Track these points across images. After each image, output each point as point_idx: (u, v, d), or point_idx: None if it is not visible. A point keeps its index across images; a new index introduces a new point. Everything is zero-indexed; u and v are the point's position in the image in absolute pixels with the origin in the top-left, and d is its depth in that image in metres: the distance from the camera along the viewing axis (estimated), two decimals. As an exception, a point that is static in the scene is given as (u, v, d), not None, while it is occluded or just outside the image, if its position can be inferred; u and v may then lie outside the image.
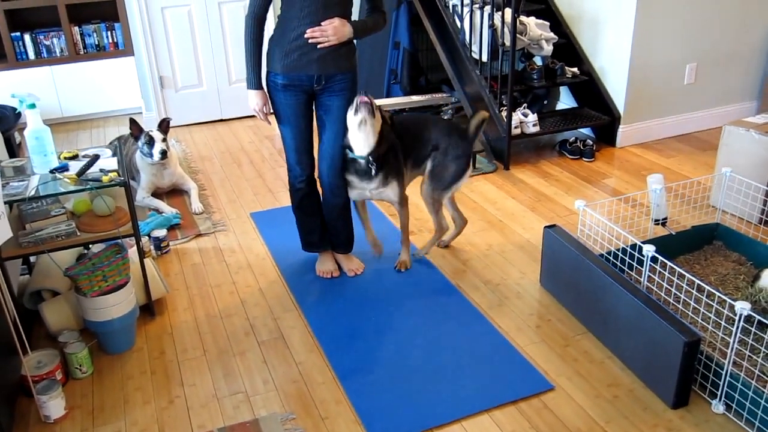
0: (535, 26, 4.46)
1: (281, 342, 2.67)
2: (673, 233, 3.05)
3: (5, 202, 2.35)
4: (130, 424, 2.26)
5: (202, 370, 2.52)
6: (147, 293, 2.80)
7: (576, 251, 2.64)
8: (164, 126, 3.81)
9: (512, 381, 2.39)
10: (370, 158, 2.78)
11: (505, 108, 4.21)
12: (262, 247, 3.40)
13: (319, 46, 2.66)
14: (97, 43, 5.35)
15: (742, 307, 2.06)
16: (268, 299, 2.96)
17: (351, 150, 2.81)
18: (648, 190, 3.36)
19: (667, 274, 2.72)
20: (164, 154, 3.74)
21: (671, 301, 2.68)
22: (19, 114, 4.13)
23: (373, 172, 2.82)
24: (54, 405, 2.25)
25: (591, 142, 4.38)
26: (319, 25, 2.63)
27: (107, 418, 2.30)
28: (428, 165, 3.03)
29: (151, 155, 3.75)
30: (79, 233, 2.60)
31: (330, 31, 2.63)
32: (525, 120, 4.33)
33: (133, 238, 2.68)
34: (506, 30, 4.12)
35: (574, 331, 2.66)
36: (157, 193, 3.96)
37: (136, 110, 5.61)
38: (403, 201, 3.01)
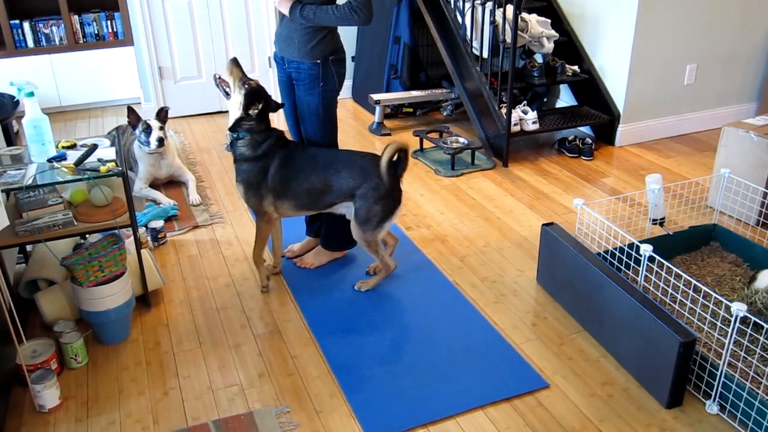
0: (536, 23, 4.45)
1: (277, 335, 2.67)
2: (671, 233, 3.05)
3: (2, 191, 2.34)
4: (125, 415, 2.26)
5: (197, 362, 2.52)
6: (143, 284, 2.79)
7: (573, 250, 2.64)
8: (162, 115, 3.80)
9: (507, 378, 2.39)
10: (228, 135, 2.80)
11: (505, 105, 4.21)
12: (259, 240, 3.40)
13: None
14: (96, 32, 5.33)
15: (738, 308, 2.06)
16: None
17: None
18: (646, 190, 3.36)
19: (663, 274, 2.72)
20: (161, 141, 3.73)
21: (667, 301, 2.68)
22: (18, 102, 4.11)
23: (229, 151, 2.85)
24: (48, 394, 2.25)
25: (590, 141, 4.38)
26: None
27: (102, 408, 2.29)
28: (351, 209, 2.80)
29: (148, 143, 3.74)
30: (76, 223, 2.59)
31: (278, 3, 2.69)
32: (524, 117, 4.32)
33: (130, 228, 2.67)
34: (507, 27, 4.11)
35: (570, 330, 2.66)
36: (154, 184, 3.95)
37: (135, 100, 5.60)
38: (255, 212, 2.85)
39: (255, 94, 2.71)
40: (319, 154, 2.82)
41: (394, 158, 2.70)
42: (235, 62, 2.74)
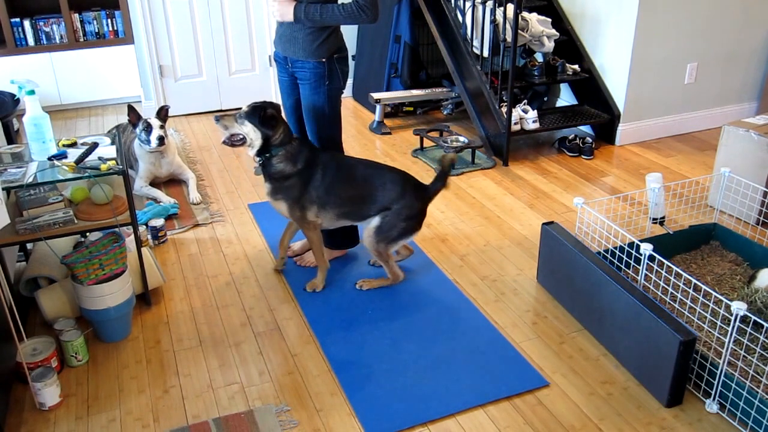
0: (536, 22, 4.45)
1: (277, 333, 2.67)
2: (671, 232, 3.05)
3: (3, 189, 2.34)
4: (125, 413, 2.26)
5: (197, 360, 2.52)
6: (143, 282, 2.79)
7: (573, 248, 2.64)
8: (163, 113, 3.80)
9: (507, 377, 2.40)
10: (257, 159, 2.78)
11: (505, 104, 4.21)
12: (259, 239, 3.40)
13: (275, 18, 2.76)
14: (97, 30, 5.33)
15: (738, 307, 2.06)
16: (264, 290, 2.96)
17: None
18: (646, 189, 3.36)
19: (663, 273, 2.72)
20: (162, 140, 3.73)
21: (667, 300, 2.68)
22: (18, 100, 4.11)
23: (261, 174, 2.81)
24: (49, 392, 2.25)
25: (590, 140, 4.38)
26: None
27: (102, 406, 2.30)
28: (375, 220, 2.81)
29: (148, 142, 3.74)
30: (76, 221, 2.59)
31: (275, 6, 2.69)
32: (525, 116, 4.32)
33: (130, 227, 2.67)
34: (508, 26, 4.11)
35: (570, 328, 2.67)
36: (155, 183, 3.95)
37: (136, 99, 5.60)
38: (300, 224, 2.85)
39: (256, 110, 2.69)
40: (361, 164, 2.85)
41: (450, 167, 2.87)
42: (218, 118, 2.76)
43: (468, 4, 4.43)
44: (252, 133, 2.71)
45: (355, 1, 2.61)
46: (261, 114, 2.67)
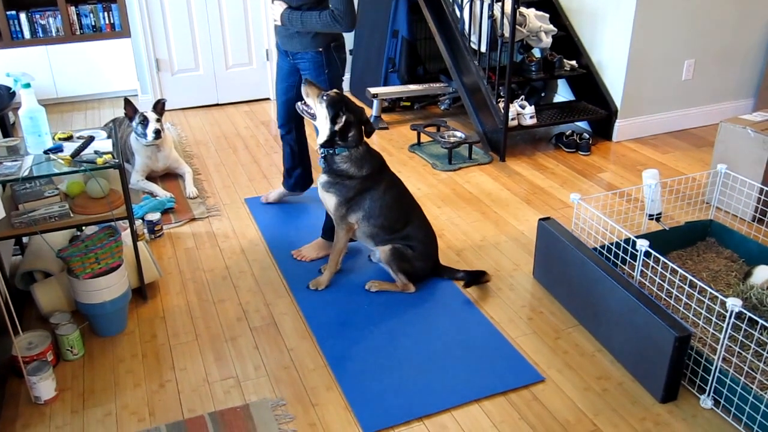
0: (534, 18, 4.45)
1: (273, 328, 2.67)
2: (667, 229, 3.06)
3: (-2, 182, 2.34)
4: (121, 407, 2.26)
5: (193, 355, 2.52)
6: (140, 277, 2.79)
7: (570, 244, 2.64)
8: (159, 107, 3.79)
9: (503, 372, 2.40)
10: (320, 150, 2.77)
11: (503, 99, 4.20)
12: (255, 233, 3.40)
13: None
14: (93, 23, 5.31)
15: (733, 303, 2.07)
16: (261, 285, 2.96)
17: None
18: (643, 185, 3.36)
19: (659, 269, 2.73)
20: (158, 133, 3.72)
21: (663, 296, 2.69)
22: (14, 93, 4.10)
23: (323, 166, 2.78)
24: (44, 386, 2.25)
25: (587, 136, 4.38)
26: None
27: (98, 400, 2.30)
28: (396, 243, 2.84)
29: (145, 135, 3.73)
30: (72, 215, 2.59)
31: (273, 10, 2.93)
32: (522, 112, 4.32)
33: (126, 221, 2.67)
34: (506, 21, 4.11)
35: (566, 324, 2.67)
36: (151, 177, 3.95)
37: (132, 92, 5.58)
38: (339, 221, 2.82)
39: (337, 103, 2.68)
40: (418, 209, 2.92)
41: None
42: (308, 82, 2.75)
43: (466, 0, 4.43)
44: (322, 120, 2.71)
45: (330, 10, 2.76)
46: (337, 113, 2.66)
